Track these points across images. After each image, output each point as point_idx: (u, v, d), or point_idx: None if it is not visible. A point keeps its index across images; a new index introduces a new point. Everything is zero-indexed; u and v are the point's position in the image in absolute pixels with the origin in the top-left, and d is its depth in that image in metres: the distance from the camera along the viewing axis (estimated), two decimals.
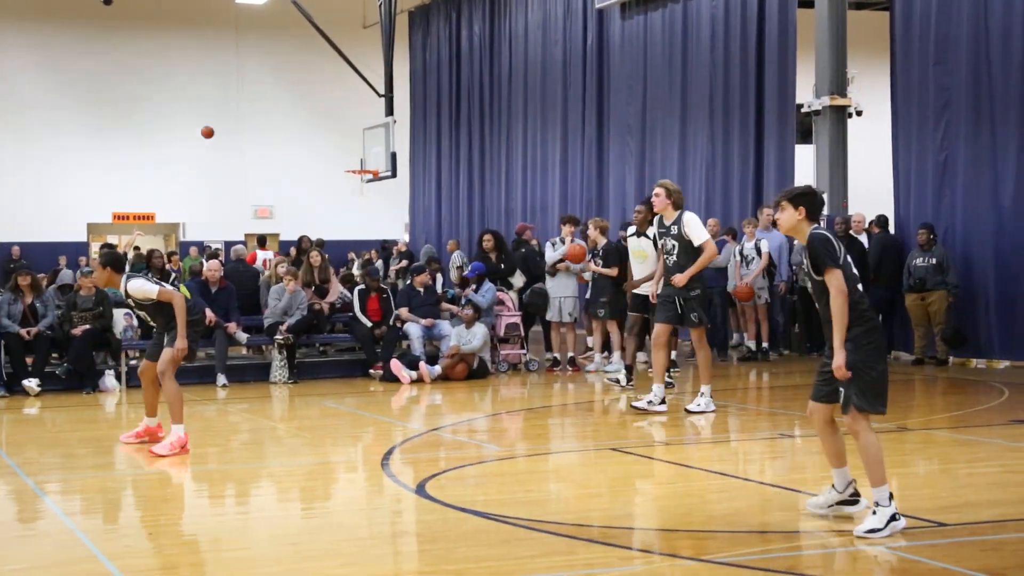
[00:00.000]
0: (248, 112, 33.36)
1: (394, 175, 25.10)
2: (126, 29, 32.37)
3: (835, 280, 6.65)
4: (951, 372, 15.39)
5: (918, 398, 13.79)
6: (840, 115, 18.25)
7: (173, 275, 16.96)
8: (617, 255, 15.44)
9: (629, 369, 14.13)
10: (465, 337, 15.68)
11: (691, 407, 11.77)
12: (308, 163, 33.63)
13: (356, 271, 23.75)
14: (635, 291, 13.65)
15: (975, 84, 15.97)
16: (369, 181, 25.99)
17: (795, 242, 17.46)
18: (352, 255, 29.10)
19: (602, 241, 15.87)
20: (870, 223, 17.71)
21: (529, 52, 26.07)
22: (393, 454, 9.87)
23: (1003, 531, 6.69)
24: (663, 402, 11.89)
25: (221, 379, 15.25)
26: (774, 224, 7.87)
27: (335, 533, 7.14)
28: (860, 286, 6.81)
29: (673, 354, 16.04)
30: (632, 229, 13.83)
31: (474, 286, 16.44)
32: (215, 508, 8.21)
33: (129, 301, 10.28)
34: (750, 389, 14.47)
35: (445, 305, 16.90)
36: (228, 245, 27.68)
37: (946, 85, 16.38)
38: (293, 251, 23.65)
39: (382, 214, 32.83)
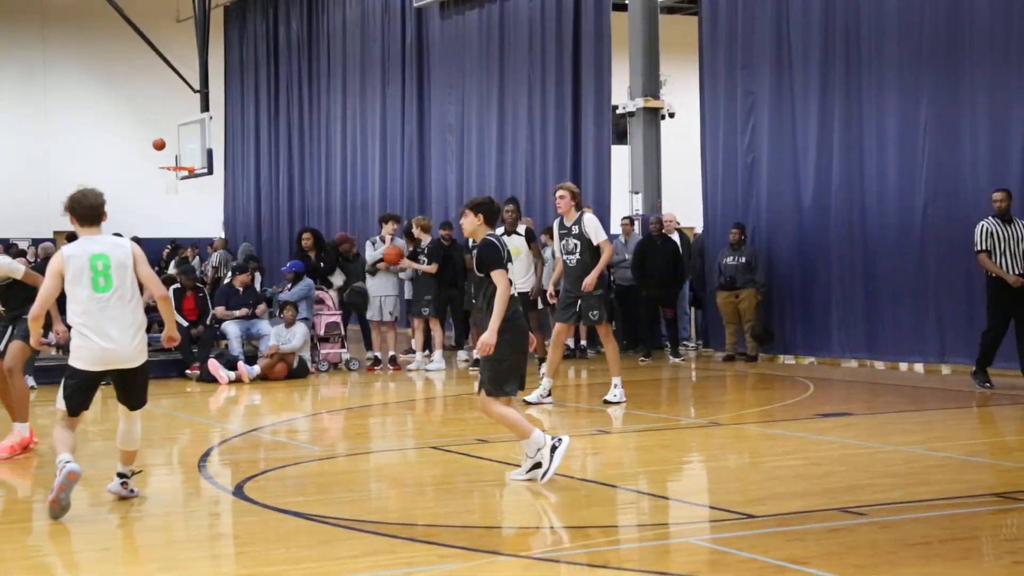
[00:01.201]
0: (56, 107, 32.35)
1: (210, 172, 24.72)
2: None
3: (501, 279, 8.00)
4: (760, 368, 15.89)
5: (729, 394, 14.21)
6: (654, 117, 18.67)
7: None
8: (440, 253, 15.77)
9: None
10: (284, 336, 15.52)
11: (609, 398, 12.17)
12: (121, 159, 32.74)
13: (172, 269, 23.28)
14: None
15: (778, 87, 16.53)
16: (184, 178, 25.51)
17: (616, 242, 17.84)
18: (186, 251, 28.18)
19: (426, 239, 16.01)
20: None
21: (348, 49, 25.93)
22: (211, 456, 9.73)
23: (808, 521, 6.96)
24: (549, 394, 12.40)
25: (29, 380, 14.74)
26: None
27: (151, 536, 7.01)
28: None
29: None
30: (501, 229, 14.18)
31: (290, 284, 16.30)
32: (23, 515, 7.97)
33: None
34: (568, 387, 14.69)
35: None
36: (36, 243, 26.79)
37: (752, 88, 16.92)
38: None
39: (199, 211, 32.21)
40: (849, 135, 15.61)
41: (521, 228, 14.84)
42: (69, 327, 7.62)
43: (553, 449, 7.99)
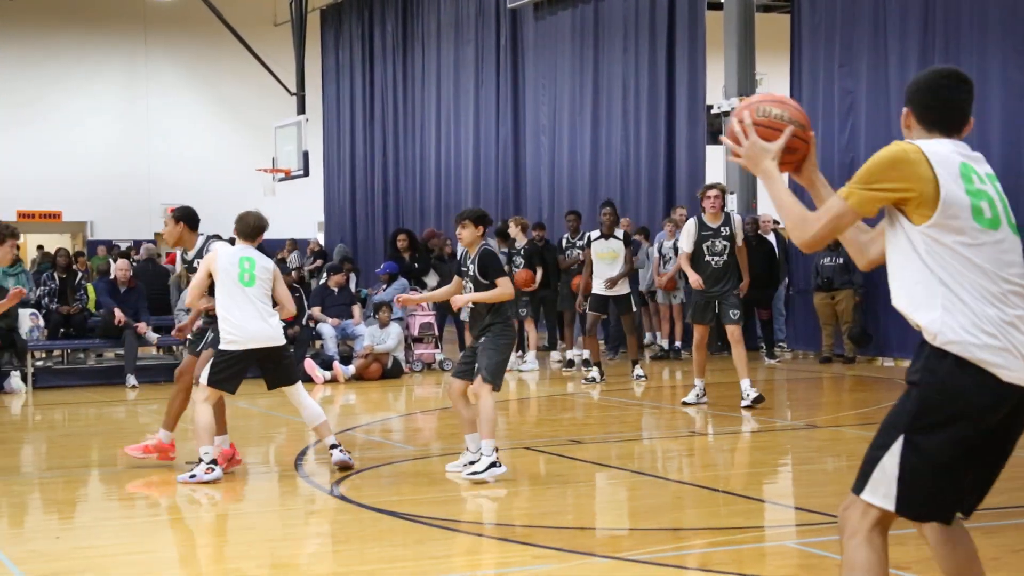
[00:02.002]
0: (157, 110, 32.92)
1: (306, 174, 24.93)
2: (31, 25, 31.79)
3: (507, 286, 8.60)
4: (858, 370, 15.67)
5: (826, 396, 14.03)
6: None
7: (80, 275, 16.73)
8: (540, 256, 15.93)
9: (599, 365, 14.58)
10: (379, 337, 15.64)
11: (749, 402, 11.75)
12: (219, 161, 33.25)
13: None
14: (596, 292, 14.29)
15: (876, 85, 16.26)
16: (281, 180, 25.78)
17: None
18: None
19: (522, 239, 16.08)
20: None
21: (442, 51, 26.05)
22: (307, 455, 9.83)
23: (907, 525, 6.83)
24: (704, 394, 12.20)
25: (131, 380, 15.06)
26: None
27: (248, 535, 7.10)
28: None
29: (586, 353, 16.23)
30: (597, 232, 14.44)
31: (384, 286, 16.43)
32: (125, 511, 8.12)
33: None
34: (664, 388, 14.61)
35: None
36: (138, 244, 27.30)
37: (850, 88, 16.67)
38: None
39: (295, 213, 32.57)
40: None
41: (619, 232, 14.65)
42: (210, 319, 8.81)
43: (493, 465, 8.26)
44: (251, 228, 9.03)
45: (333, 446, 8.83)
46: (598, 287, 14.30)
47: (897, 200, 3.88)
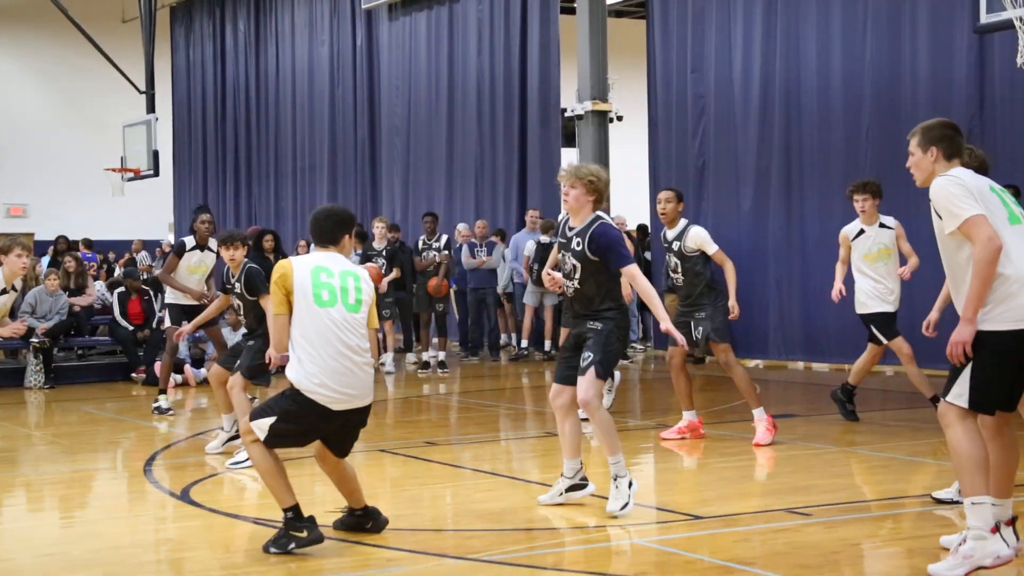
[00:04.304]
0: (0, 108, 31.97)
1: (156, 174, 24.48)
2: None
3: (266, 303, 8.72)
4: (707, 370, 15.96)
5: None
6: (602, 120, 18.72)
7: None
8: (396, 257, 15.92)
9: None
10: (232, 339, 15.40)
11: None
12: (65, 161, 32.41)
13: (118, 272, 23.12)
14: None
15: (724, 90, 16.62)
16: (130, 179, 25.27)
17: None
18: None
19: (382, 243, 16.08)
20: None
21: (296, 51, 25.80)
22: (156, 460, 9.66)
23: (754, 522, 7.01)
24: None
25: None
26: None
27: (95, 542, 6.94)
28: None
29: (441, 355, 16.26)
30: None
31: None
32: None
33: None
34: (522, 389, 14.70)
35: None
36: None
37: (702, 92, 16.99)
38: (51, 251, 22.88)
39: (144, 213, 31.92)
40: (788, 141, 15.76)
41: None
42: None
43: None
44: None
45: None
46: None
47: None
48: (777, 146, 15.95)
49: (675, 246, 10.20)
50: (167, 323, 12.53)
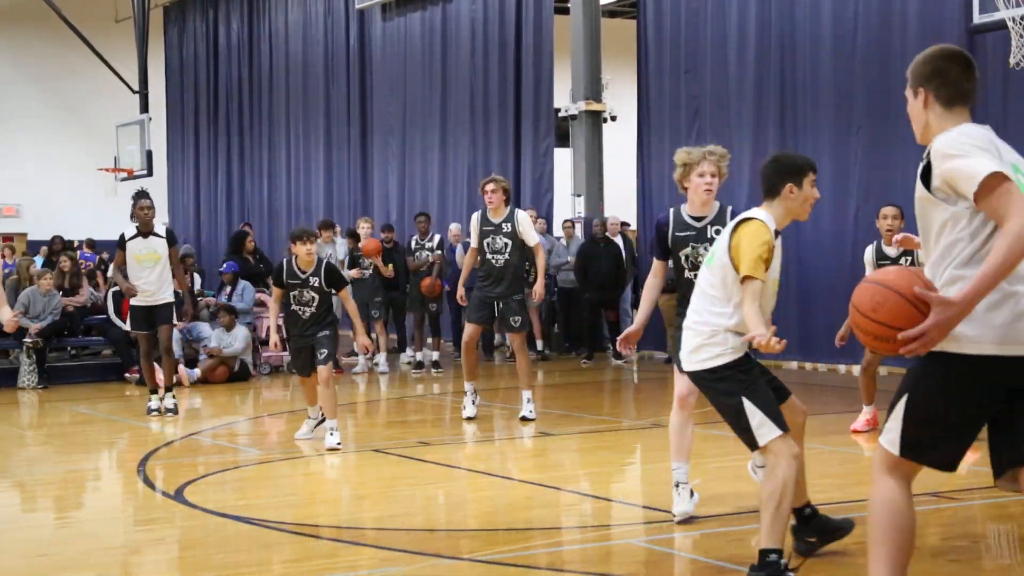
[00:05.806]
0: None
1: (150, 174, 24.44)
2: None
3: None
4: None
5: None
6: (596, 120, 18.73)
7: None
8: (389, 258, 16.03)
9: None
10: (226, 340, 15.41)
11: (526, 414, 11.22)
12: (58, 161, 32.34)
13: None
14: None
15: (723, 91, 16.62)
16: (124, 180, 25.23)
17: (558, 245, 17.90)
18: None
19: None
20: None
21: (290, 51, 25.78)
22: (149, 460, 9.65)
23: (748, 522, 7.01)
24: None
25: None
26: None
27: (88, 542, 6.93)
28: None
29: (435, 355, 16.26)
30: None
31: (228, 287, 16.20)
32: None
33: None
34: (516, 389, 14.69)
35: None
36: None
37: (696, 93, 16.99)
38: (44, 251, 22.87)
39: None
40: (784, 144, 15.77)
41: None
42: None
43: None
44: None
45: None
46: None
47: None
48: (774, 147, 15.95)
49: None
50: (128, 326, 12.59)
